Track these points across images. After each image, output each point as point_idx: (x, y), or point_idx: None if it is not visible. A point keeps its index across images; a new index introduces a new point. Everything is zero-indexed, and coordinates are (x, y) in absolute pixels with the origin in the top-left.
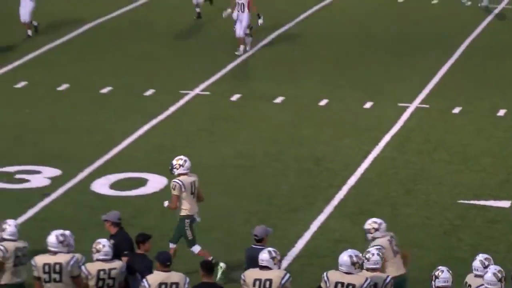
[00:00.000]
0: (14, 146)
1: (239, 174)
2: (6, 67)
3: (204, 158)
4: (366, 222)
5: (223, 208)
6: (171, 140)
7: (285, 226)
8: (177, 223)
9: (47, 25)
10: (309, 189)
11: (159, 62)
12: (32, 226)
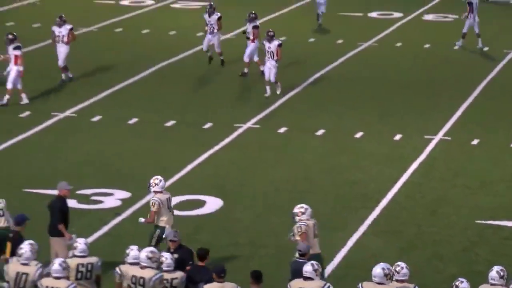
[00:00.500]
0: (90, 171)
1: (285, 197)
2: (84, 103)
3: (255, 184)
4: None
5: (272, 227)
6: (226, 167)
7: (325, 242)
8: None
9: (119, 65)
10: (345, 211)
11: (217, 99)
12: (106, 242)
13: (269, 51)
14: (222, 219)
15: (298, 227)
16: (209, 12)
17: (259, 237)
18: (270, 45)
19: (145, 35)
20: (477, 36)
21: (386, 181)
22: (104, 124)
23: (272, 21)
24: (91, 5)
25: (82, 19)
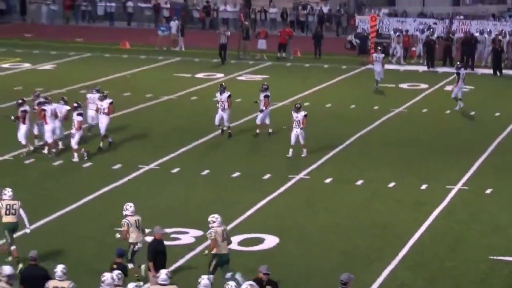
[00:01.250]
0: (171, 214)
1: (330, 236)
2: (165, 158)
3: (306, 225)
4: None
5: (319, 261)
6: (282, 211)
7: (363, 273)
8: None
9: (194, 126)
10: (380, 247)
11: (273, 155)
12: (184, 273)
13: (296, 120)
14: (278, 254)
15: (209, 233)
16: (220, 91)
17: (308, 269)
18: (297, 115)
19: (215, 102)
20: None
21: (413, 223)
22: (182, 175)
23: (322, 89)
24: (172, 77)
25: (164, 88)
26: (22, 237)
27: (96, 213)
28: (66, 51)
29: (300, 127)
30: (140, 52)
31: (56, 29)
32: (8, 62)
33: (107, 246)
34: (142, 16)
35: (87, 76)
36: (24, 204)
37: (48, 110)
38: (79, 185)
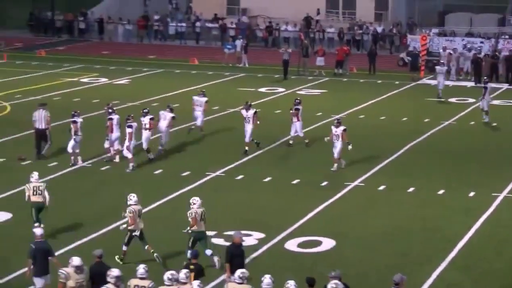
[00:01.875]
0: (236, 217)
1: (384, 239)
2: (231, 165)
3: (361, 228)
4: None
5: (374, 263)
6: (338, 216)
7: (413, 275)
8: None
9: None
10: (430, 250)
11: (329, 165)
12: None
13: (336, 134)
14: (335, 256)
15: (190, 213)
16: (246, 108)
17: (363, 270)
18: (337, 130)
19: (277, 114)
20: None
21: (462, 228)
22: (245, 182)
23: (375, 103)
24: (237, 91)
25: (229, 102)
26: (97, 238)
27: (164, 216)
28: (140, 67)
29: (340, 141)
30: (208, 68)
31: (131, 47)
32: (87, 77)
33: (175, 247)
34: (210, 35)
35: (159, 90)
36: (98, 207)
37: (115, 119)
38: (150, 190)
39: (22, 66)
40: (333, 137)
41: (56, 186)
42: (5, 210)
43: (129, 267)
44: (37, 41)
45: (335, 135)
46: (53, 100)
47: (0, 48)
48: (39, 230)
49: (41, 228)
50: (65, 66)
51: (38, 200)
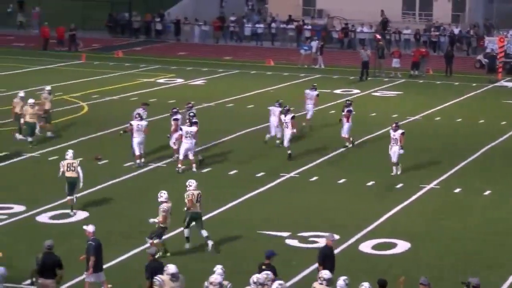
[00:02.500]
0: (309, 217)
1: (459, 242)
2: (304, 167)
3: (436, 231)
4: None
5: (450, 265)
6: (413, 218)
7: (488, 278)
8: None
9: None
10: (504, 253)
11: (407, 167)
12: None
13: (393, 138)
14: (410, 258)
15: (186, 194)
16: (284, 112)
17: (438, 273)
18: (395, 133)
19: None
20: None
21: None
22: (320, 183)
23: (452, 105)
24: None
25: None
26: (170, 238)
27: (239, 217)
28: (216, 68)
29: (399, 145)
30: (283, 69)
31: (207, 48)
32: (164, 77)
33: (251, 247)
34: (285, 36)
35: (234, 91)
36: (172, 208)
37: (135, 125)
38: (224, 190)
39: (99, 66)
40: (391, 140)
41: (133, 186)
42: (82, 209)
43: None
44: (115, 42)
45: (393, 139)
46: (129, 100)
47: (79, 48)
48: (92, 227)
49: (92, 225)
50: (142, 66)
51: (72, 175)
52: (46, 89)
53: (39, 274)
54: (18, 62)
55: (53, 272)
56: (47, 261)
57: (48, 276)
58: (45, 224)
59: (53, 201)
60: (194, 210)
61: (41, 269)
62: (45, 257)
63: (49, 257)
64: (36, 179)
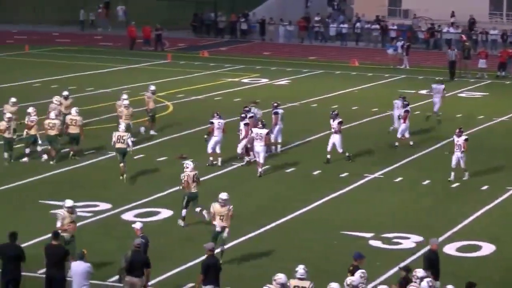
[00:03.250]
0: (390, 219)
1: None
2: (389, 168)
3: None
4: None
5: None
6: (499, 220)
7: None
8: None
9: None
10: None
11: (493, 167)
12: None
13: (457, 144)
14: (495, 261)
15: (183, 175)
16: (332, 117)
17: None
18: (458, 139)
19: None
20: None
21: None
22: (404, 184)
23: None
24: (397, 93)
25: (390, 104)
26: (254, 237)
27: (323, 217)
28: (300, 68)
29: (461, 151)
30: (367, 69)
31: (291, 48)
32: (248, 77)
33: (332, 248)
34: (370, 37)
35: (318, 91)
36: (256, 208)
37: (216, 123)
38: (308, 191)
39: (185, 66)
40: (455, 146)
41: (215, 186)
42: (167, 208)
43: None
44: (200, 42)
45: (457, 145)
46: (214, 100)
47: (165, 48)
48: (139, 224)
49: (140, 222)
50: (227, 66)
51: (122, 146)
52: (150, 88)
53: (127, 272)
54: (105, 61)
55: (141, 271)
56: (135, 260)
57: (135, 275)
58: (130, 222)
59: (138, 199)
60: (190, 191)
61: (129, 267)
62: (134, 256)
63: (137, 255)
64: (120, 178)
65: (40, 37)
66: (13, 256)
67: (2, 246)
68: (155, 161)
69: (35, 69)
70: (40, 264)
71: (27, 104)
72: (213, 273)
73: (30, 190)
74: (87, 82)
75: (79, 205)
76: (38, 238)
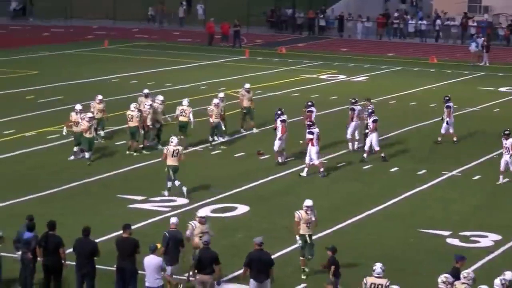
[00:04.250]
0: (470, 219)
1: None
2: (467, 165)
3: None
4: None
5: None
6: None
7: None
8: None
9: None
10: None
11: None
12: (482, 275)
13: (505, 146)
14: None
15: (164, 148)
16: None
17: None
18: (506, 142)
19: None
20: None
21: None
22: (481, 182)
23: None
24: (476, 91)
25: (468, 101)
26: (333, 233)
27: (400, 214)
28: (378, 65)
29: (510, 154)
30: (447, 66)
31: (369, 45)
32: (326, 73)
33: (409, 246)
34: (450, 33)
35: (396, 88)
36: (331, 206)
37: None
38: (385, 188)
39: (263, 62)
40: (504, 149)
41: (289, 182)
42: (243, 203)
43: None
44: (278, 38)
45: (505, 147)
46: (291, 96)
47: (242, 44)
48: (175, 219)
49: (176, 217)
50: (305, 62)
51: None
52: (245, 86)
53: (197, 269)
54: (183, 57)
55: (210, 268)
56: (204, 257)
57: (206, 272)
58: (207, 217)
59: (215, 194)
60: (170, 163)
61: (198, 264)
62: (202, 253)
63: (206, 252)
64: (198, 173)
65: (119, 33)
66: (87, 251)
67: (77, 241)
68: (232, 157)
69: (114, 64)
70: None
71: (108, 99)
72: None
73: (108, 184)
74: (165, 78)
75: (156, 199)
76: (116, 233)
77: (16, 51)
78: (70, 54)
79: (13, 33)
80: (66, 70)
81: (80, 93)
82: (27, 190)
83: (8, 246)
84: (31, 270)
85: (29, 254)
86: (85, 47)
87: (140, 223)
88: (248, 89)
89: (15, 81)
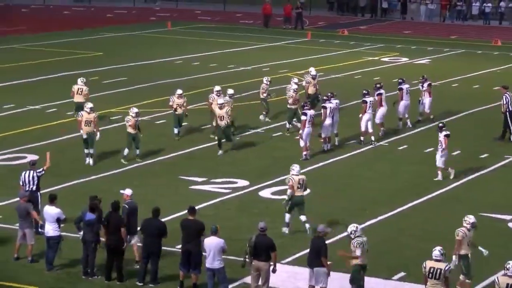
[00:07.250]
0: None
1: None
2: None
3: None
4: None
5: None
6: None
7: None
8: None
9: None
10: None
11: None
12: None
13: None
14: None
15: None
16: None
17: None
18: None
19: None
20: None
21: None
22: None
23: None
24: None
25: None
26: (387, 219)
27: (461, 198)
28: (441, 47)
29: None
30: (511, 49)
31: (432, 27)
32: (388, 56)
33: None
34: None
35: (459, 71)
36: (392, 189)
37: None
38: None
39: (324, 44)
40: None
41: (355, 164)
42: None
43: None
44: (340, 20)
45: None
46: (354, 78)
47: (304, 26)
48: (129, 190)
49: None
50: (367, 45)
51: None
52: (311, 73)
53: (252, 255)
54: (246, 39)
55: (266, 254)
56: (260, 243)
57: (261, 259)
58: (267, 199)
59: (276, 176)
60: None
61: (254, 250)
62: (258, 239)
63: (262, 238)
64: (261, 155)
65: (182, 14)
66: (155, 231)
67: (146, 221)
68: (292, 140)
69: (176, 46)
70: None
71: (170, 80)
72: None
73: (171, 165)
74: (228, 59)
75: (218, 181)
76: (178, 213)
77: (80, 32)
78: (134, 35)
79: (77, 14)
80: (130, 51)
81: (143, 74)
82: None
83: (71, 226)
84: (93, 250)
85: (91, 234)
86: (148, 29)
87: (200, 204)
88: (315, 76)
89: (80, 62)
